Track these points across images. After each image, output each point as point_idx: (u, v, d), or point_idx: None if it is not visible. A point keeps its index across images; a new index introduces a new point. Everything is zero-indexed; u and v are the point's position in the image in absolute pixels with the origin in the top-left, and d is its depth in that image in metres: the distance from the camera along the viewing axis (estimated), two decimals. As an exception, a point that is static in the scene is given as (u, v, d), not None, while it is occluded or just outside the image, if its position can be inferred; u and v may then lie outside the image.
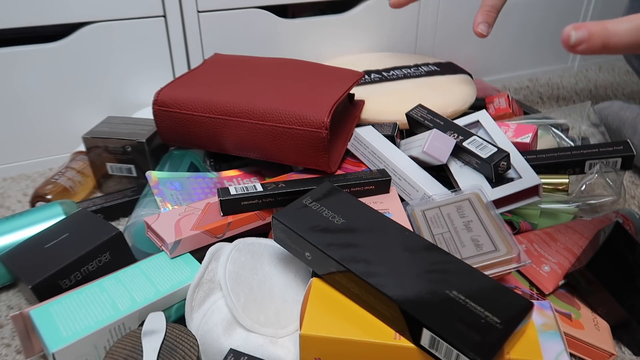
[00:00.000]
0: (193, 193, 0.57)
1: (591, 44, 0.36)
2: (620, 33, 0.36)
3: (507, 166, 0.55)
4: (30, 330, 0.43)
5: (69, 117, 0.77)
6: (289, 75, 0.63)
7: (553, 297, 0.49)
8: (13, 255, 0.50)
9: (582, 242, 0.53)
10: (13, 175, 0.77)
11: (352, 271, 0.39)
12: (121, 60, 0.77)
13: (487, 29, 0.65)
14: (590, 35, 0.36)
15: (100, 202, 0.64)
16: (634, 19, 0.36)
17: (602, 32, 0.36)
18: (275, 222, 0.44)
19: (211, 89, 0.59)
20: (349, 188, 0.54)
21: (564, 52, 1.17)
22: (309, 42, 0.89)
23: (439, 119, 0.62)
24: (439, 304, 0.36)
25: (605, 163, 0.59)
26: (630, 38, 0.36)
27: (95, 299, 0.43)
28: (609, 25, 0.36)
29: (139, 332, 0.39)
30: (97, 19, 0.73)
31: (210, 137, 0.59)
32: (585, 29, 0.36)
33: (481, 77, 1.10)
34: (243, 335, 0.41)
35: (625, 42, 0.36)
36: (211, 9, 0.79)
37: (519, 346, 0.36)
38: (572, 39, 0.37)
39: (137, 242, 0.54)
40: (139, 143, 0.65)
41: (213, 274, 0.44)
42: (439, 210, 0.50)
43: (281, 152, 0.57)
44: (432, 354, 0.36)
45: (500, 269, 0.44)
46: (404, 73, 0.81)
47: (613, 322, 0.47)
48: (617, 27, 0.36)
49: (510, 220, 0.56)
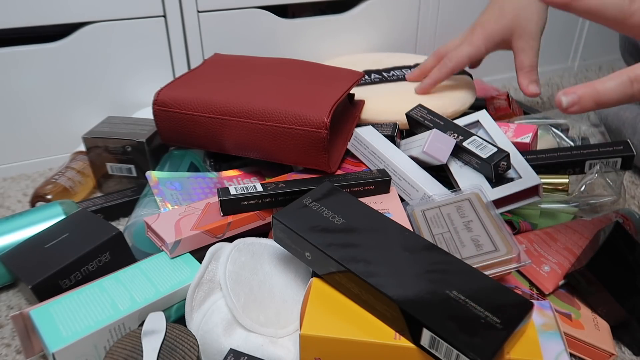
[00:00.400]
0: (193, 193, 0.57)
1: (583, 104, 0.38)
2: (609, 91, 0.38)
3: (507, 166, 0.55)
4: (30, 330, 0.43)
5: (68, 117, 0.77)
6: (289, 75, 0.63)
7: (553, 297, 0.49)
8: (13, 255, 0.50)
9: (582, 242, 0.53)
10: (13, 175, 0.77)
11: (352, 271, 0.39)
12: (121, 60, 0.77)
13: (537, 87, 0.68)
14: (580, 98, 0.38)
15: (100, 202, 0.64)
16: (619, 75, 0.38)
17: (591, 92, 0.38)
18: (275, 222, 0.44)
19: (211, 89, 0.59)
20: (349, 188, 0.54)
21: (564, 52, 1.17)
22: (309, 42, 0.89)
23: (439, 119, 0.62)
24: (439, 304, 0.36)
25: (605, 163, 0.59)
26: (618, 94, 0.38)
27: (95, 299, 0.43)
28: (597, 85, 0.38)
29: (139, 332, 0.39)
30: (96, 19, 0.73)
31: (210, 137, 0.59)
32: (574, 93, 0.38)
33: (481, 77, 1.10)
34: (243, 335, 0.41)
35: (614, 99, 0.38)
36: (211, 9, 0.79)
37: (519, 346, 0.36)
38: (563, 104, 0.39)
39: (137, 242, 0.54)
40: (139, 143, 0.65)
41: (213, 274, 0.44)
42: (439, 210, 0.50)
43: (281, 152, 0.57)
44: (432, 354, 0.36)
45: (500, 269, 0.44)
46: (404, 73, 0.81)
47: (613, 322, 0.47)
48: (604, 86, 0.38)
49: (510, 220, 0.56)
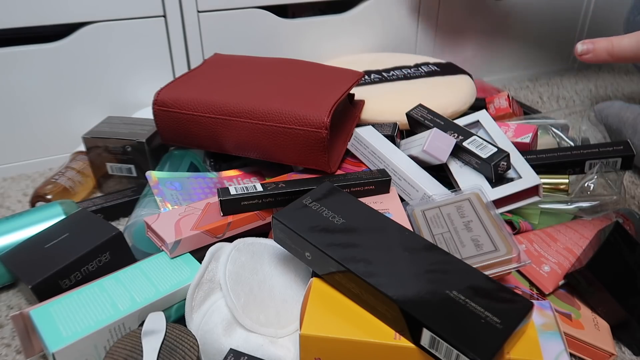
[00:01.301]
0: (193, 193, 0.57)
1: (597, 53, 0.44)
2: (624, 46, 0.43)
3: (507, 166, 0.55)
4: (30, 330, 0.43)
5: (68, 117, 0.77)
6: (289, 75, 0.63)
7: (553, 297, 0.49)
8: (13, 255, 0.50)
9: (582, 242, 0.53)
10: (13, 175, 0.77)
11: (352, 271, 0.39)
12: (121, 60, 0.77)
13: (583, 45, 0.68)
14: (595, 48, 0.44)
15: (100, 202, 0.64)
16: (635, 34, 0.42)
17: (607, 45, 0.43)
18: (275, 222, 0.44)
19: (211, 89, 0.59)
20: (349, 188, 0.54)
21: (564, 52, 1.17)
22: (309, 42, 0.89)
23: (439, 118, 0.62)
24: (439, 304, 0.36)
25: (605, 163, 0.59)
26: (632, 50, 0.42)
27: (95, 299, 0.43)
28: (614, 39, 0.44)
29: (139, 332, 0.39)
30: (96, 19, 0.73)
31: (210, 137, 0.59)
32: (590, 42, 0.44)
33: (481, 77, 1.10)
34: (243, 335, 0.41)
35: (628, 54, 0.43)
36: (211, 9, 0.79)
37: (519, 346, 0.36)
38: (578, 50, 0.45)
39: (137, 242, 0.54)
40: (139, 143, 0.65)
41: (213, 274, 0.44)
42: (439, 210, 0.50)
43: (281, 152, 0.57)
44: (432, 354, 0.36)
45: (500, 269, 0.44)
46: (404, 73, 0.81)
47: (613, 322, 0.47)
48: (620, 41, 0.43)
49: (510, 220, 0.56)
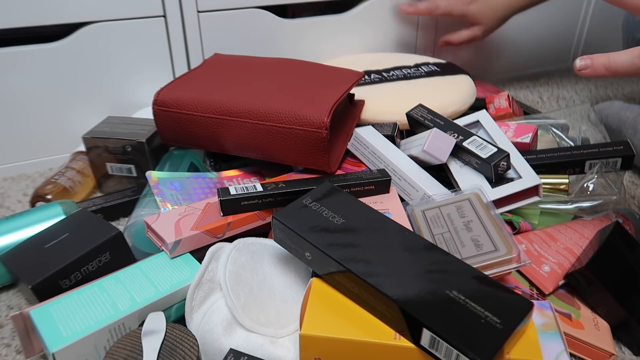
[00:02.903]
0: (193, 193, 0.57)
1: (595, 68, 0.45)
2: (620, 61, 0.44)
3: (507, 166, 0.55)
4: (30, 330, 0.43)
5: (68, 117, 0.77)
6: (288, 75, 0.63)
7: (553, 297, 0.49)
8: (13, 255, 0.50)
9: (582, 242, 0.53)
10: (13, 175, 0.77)
11: (352, 271, 0.39)
12: (121, 60, 0.77)
13: None
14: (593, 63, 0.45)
15: (100, 202, 0.64)
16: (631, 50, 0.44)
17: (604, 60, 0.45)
18: (275, 222, 0.44)
19: (211, 89, 0.59)
20: (349, 188, 0.54)
21: (564, 52, 1.17)
22: (309, 42, 0.89)
23: (439, 118, 0.62)
24: (439, 304, 0.36)
25: (605, 163, 0.59)
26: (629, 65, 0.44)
27: (95, 299, 0.43)
28: (610, 55, 0.45)
29: (139, 332, 0.39)
30: (96, 19, 0.73)
31: (210, 137, 0.59)
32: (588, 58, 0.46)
33: (481, 77, 1.10)
34: (243, 335, 0.41)
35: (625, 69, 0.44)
36: (211, 9, 0.79)
37: (519, 346, 0.36)
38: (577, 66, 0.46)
39: (137, 242, 0.54)
40: (139, 143, 0.65)
41: (213, 274, 0.44)
42: (439, 210, 0.50)
43: (281, 152, 0.57)
44: (432, 354, 0.36)
45: (500, 269, 0.44)
46: (404, 73, 0.81)
47: (613, 322, 0.47)
48: (617, 56, 0.44)
49: (510, 220, 0.56)
